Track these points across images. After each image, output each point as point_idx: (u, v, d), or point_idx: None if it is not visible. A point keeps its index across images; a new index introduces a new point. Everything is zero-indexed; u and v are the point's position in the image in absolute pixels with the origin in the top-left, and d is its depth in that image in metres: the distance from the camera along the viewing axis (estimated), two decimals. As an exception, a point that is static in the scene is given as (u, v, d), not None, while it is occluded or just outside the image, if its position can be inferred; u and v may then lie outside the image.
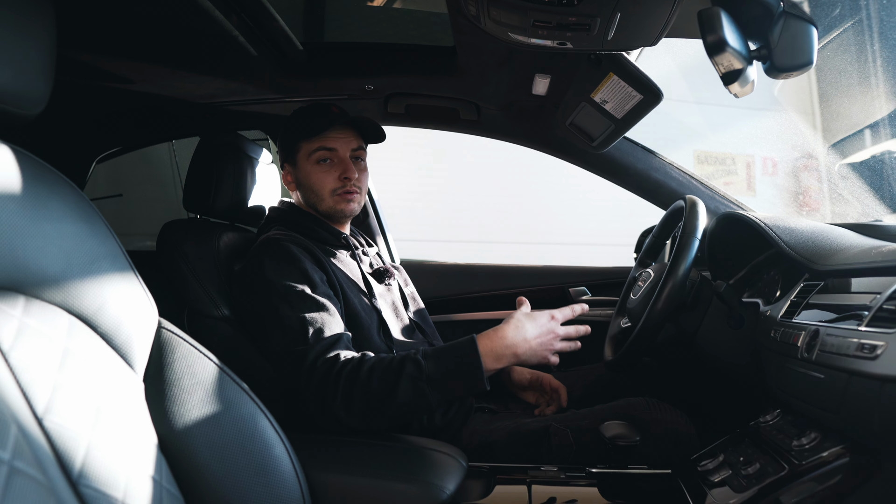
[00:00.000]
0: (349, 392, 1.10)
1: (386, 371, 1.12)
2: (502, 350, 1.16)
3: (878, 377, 0.78)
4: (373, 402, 1.10)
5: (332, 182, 1.44)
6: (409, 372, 1.11)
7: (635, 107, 1.37)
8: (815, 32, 1.02)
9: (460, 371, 1.14)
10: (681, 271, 1.23)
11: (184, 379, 0.83)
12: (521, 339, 1.17)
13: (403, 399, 1.10)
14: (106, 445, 0.67)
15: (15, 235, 0.67)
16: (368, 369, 1.12)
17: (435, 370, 1.12)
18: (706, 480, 1.04)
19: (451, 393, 1.14)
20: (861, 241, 1.24)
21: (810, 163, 5.15)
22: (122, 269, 0.81)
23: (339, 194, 1.45)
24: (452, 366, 1.14)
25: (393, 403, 1.10)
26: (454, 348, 1.17)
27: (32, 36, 0.73)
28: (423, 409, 1.13)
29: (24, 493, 0.54)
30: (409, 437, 1.17)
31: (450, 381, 1.13)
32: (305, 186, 1.47)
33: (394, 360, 1.14)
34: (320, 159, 1.44)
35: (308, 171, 1.46)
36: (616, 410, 1.29)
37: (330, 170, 1.45)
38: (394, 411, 1.11)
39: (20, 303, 0.67)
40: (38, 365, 0.64)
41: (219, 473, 0.81)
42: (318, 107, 1.47)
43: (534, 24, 1.06)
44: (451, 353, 1.16)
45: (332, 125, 1.42)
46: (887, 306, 0.85)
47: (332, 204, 1.46)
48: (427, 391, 1.11)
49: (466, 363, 1.14)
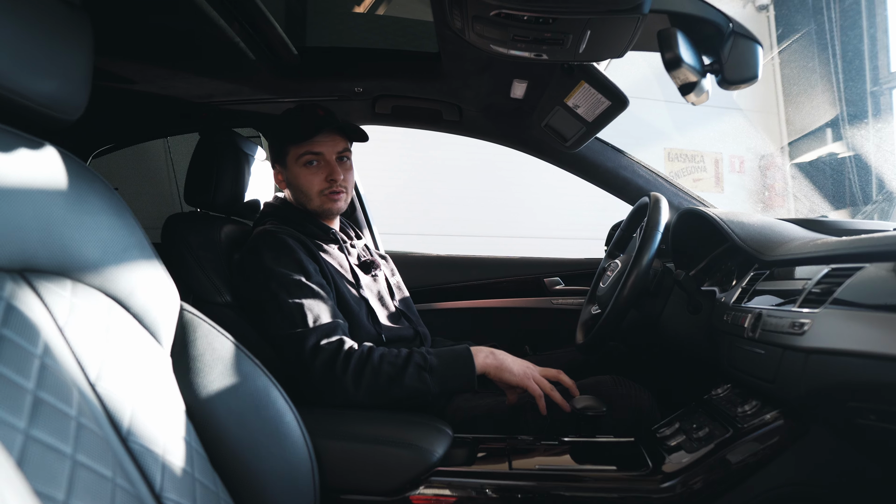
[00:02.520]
0: (360, 370, 1.24)
1: (396, 358, 1.27)
2: (487, 358, 1.33)
3: (804, 349, 0.92)
4: (381, 382, 1.24)
5: (319, 183, 1.53)
6: (416, 361, 1.27)
7: (604, 112, 1.49)
8: (760, 50, 1.16)
9: (457, 368, 1.30)
10: (644, 261, 1.35)
11: (205, 355, 0.94)
12: (503, 357, 1.34)
13: (409, 382, 1.25)
14: (146, 409, 0.78)
15: (63, 227, 0.77)
16: (379, 356, 1.27)
17: (437, 364, 1.28)
18: (663, 445, 1.17)
19: (448, 385, 1.29)
20: (804, 234, 1.37)
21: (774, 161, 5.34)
22: (149, 257, 0.91)
23: (325, 194, 1.54)
24: (451, 363, 1.30)
25: (399, 386, 1.25)
26: (454, 350, 1.33)
27: (75, 47, 0.82)
28: (423, 394, 1.27)
29: (89, 444, 0.65)
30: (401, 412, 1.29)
31: (448, 375, 1.29)
32: (295, 187, 1.56)
33: (402, 351, 1.30)
34: (307, 162, 1.52)
35: (296, 173, 1.54)
36: (585, 387, 1.41)
37: (317, 171, 1.53)
38: (398, 393, 1.25)
39: (68, 286, 0.77)
40: (87, 339, 0.74)
41: (238, 436, 0.92)
42: (305, 109, 1.53)
43: (513, 38, 1.17)
44: (451, 354, 1.32)
45: (318, 132, 1.50)
46: (814, 290, 0.99)
47: (320, 203, 1.55)
48: (428, 379, 1.26)
49: (462, 363, 1.30)
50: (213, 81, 1.72)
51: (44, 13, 0.76)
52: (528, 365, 1.34)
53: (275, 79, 1.73)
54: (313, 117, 1.51)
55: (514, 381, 1.31)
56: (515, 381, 1.31)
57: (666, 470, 1.07)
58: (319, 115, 1.52)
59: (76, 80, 0.83)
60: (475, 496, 1.08)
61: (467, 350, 1.32)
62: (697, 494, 1.02)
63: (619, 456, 1.17)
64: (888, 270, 0.87)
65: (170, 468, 0.77)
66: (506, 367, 1.32)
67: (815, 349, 0.90)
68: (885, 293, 0.85)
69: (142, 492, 0.71)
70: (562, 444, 1.22)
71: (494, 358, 1.33)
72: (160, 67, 1.62)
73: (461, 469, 1.12)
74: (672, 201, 1.95)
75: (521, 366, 1.33)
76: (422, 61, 1.71)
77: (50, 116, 0.79)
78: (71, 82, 0.81)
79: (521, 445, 1.23)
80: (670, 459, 1.11)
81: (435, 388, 1.27)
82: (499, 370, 1.32)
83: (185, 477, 0.79)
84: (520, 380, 1.31)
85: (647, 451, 1.17)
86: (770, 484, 1.00)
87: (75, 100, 0.83)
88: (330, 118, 1.52)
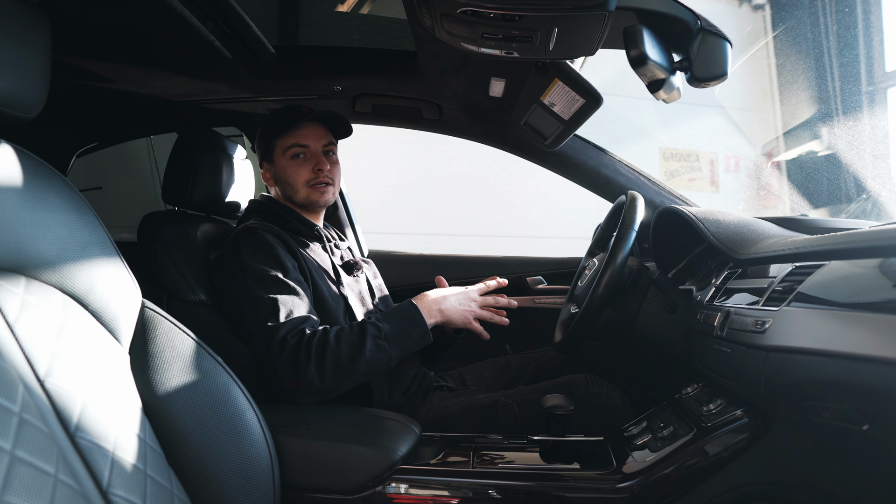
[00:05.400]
0: (321, 357, 1.23)
1: (350, 335, 1.28)
2: (430, 307, 1.38)
3: (764, 348, 0.92)
4: (343, 362, 1.24)
5: (306, 174, 1.55)
6: (371, 332, 1.29)
7: (579, 109, 1.48)
8: (730, 48, 1.15)
9: (409, 326, 1.34)
10: (618, 260, 1.34)
11: (165, 352, 0.94)
12: (441, 298, 1.41)
13: (369, 356, 1.26)
14: (98, 405, 0.78)
15: (17, 224, 0.77)
16: (335, 336, 1.27)
17: (390, 329, 1.31)
18: (630, 444, 1.17)
19: (406, 345, 1.33)
20: (778, 232, 1.37)
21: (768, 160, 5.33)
22: (110, 255, 0.91)
23: (312, 185, 1.55)
24: (402, 324, 1.34)
25: (361, 361, 1.25)
26: (399, 310, 1.38)
27: (31, 46, 0.82)
28: (385, 363, 1.29)
29: (30, 440, 0.65)
30: (368, 409, 1.29)
31: (403, 336, 1.32)
32: (282, 180, 1.57)
33: (354, 326, 1.31)
34: (294, 154, 1.54)
35: (284, 166, 1.56)
36: (558, 386, 1.41)
37: (304, 163, 1.55)
38: (362, 368, 1.26)
39: (22, 283, 0.77)
40: (38, 335, 0.75)
41: (196, 434, 0.92)
42: (290, 108, 1.57)
43: (482, 35, 1.16)
44: (398, 314, 1.37)
45: (301, 121, 1.53)
46: (777, 288, 0.98)
47: (307, 194, 1.56)
48: (387, 347, 1.29)
49: (412, 320, 1.35)
50: (191, 80, 1.72)
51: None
52: (465, 297, 1.43)
53: (253, 77, 1.73)
54: (298, 111, 1.55)
55: (461, 326, 1.41)
56: (462, 326, 1.41)
57: (626, 470, 1.07)
58: (304, 110, 1.55)
59: (32, 77, 0.83)
60: (437, 494, 1.08)
61: (413, 307, 1.37)
62: (655, 495, 1.02)
63: (585, 455, 1.17)
64: (846, 268, 0.87)
65: (120, 464, 0.77)
66: (449, 316, 1.40)
67: (774, 347, 0.90)
68: (842, 291, 0.85)
69: (87, 488, 0.71)
70: (529, 443, 1.22)
71: (439, 311, 1.39)
72: (138, 67, 1.62)
73: (424, 467, 1.12)
74: (654, 200, 1.94)
75: (460, 308, 1.41)
76: (400, 60, 1.72)
77: (5, 114, 0.79)
78: (26, 80, 0.82)
79: (489, 444, 1.23)
80: (633, 458, 1.11)
81: (395, 353, 1.30)
82: (445, 320, 1.40)
83: (136, 473, 0.79)
84: (464, 324, 1.41)
85: (614, 451, 1.17)
86: (731, 483, 1.00)
87: (32, 97, 0.83)
88: (311, 112, 1.55)
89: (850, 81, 3.68)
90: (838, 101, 3.78)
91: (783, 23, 4.95)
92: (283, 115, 1.56)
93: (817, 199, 2.73)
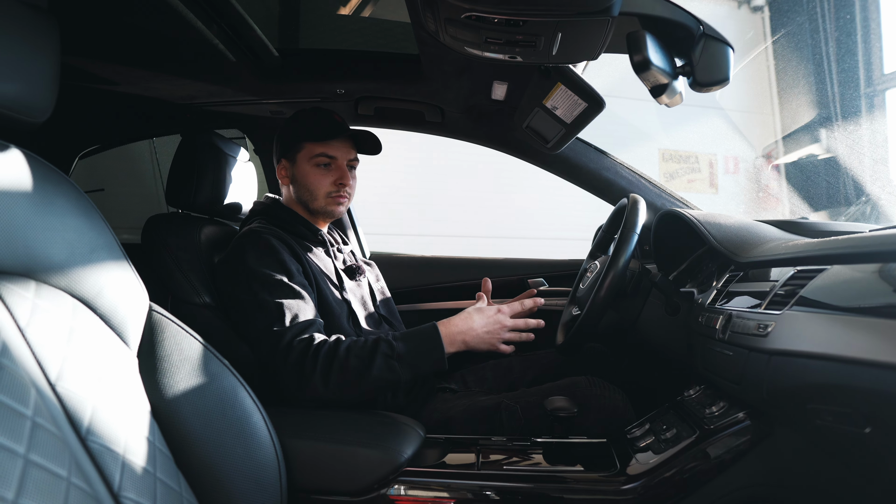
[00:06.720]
0: (327, 367, 1.23)
1: (362, 349, 1.27)
2: (454, 337, 1.33)
3: (766, 351, 0.93)
4: (349, 377, 1.24)
5: (327, 185, 1.56)
6: (383, 350, 1.26)
7: (581, 113, 1.49)
8: (731, 53, 1.16)
9: (425, 351, 1.29)
10: (621, 263, 1.35)
11: (172, 355, 0.95)
12: (469, 328, 1.34)
13: (377, 373, 1.24)
14: (108, 409, 0.78)
15: (27, 228, 0.78)
16: (346, 349, 1.26)
17: (404, 350, 1.28)
18: (633, 446, 1.18)
19: (418, 370, 1.29)
20: (779, 235, 1.37)
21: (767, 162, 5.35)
22: (118, 259, 0.92)
23: (331, 197, 1.57)
24: (419, 347, 1.30)
25: (368, 378, 1.24)
26: (420, 332, 1.33)
27: (41, 51, 0.83)
28: (393, 383, 1.27)
29: (44, 444, 0.65)
30: (373, 411, 1.29)
31: (417, 359, 1.28)
32: (301, 184, 1.58)
33: (368, 341, 1.29)
34: (320, 163, 1.55)
35: (306, 171, 1.56)
36: (560, 388, 1.42)
37: (328, 174, 1.56)
38: (368, 384, 1.25)
39: (32, 287, 0.78)
40: (49, 339, 0.75)
41: (203, 437, 0.92)
42: (323, 112, 1.57)
43: (486, 40, 1.18)
44: (417, 337, 1.32)
45: (337, 135, 1.55)
46: (780, 291, 0.99)
47: (324, 204, 1.58)
48: (398, 367, 1.26)
49: (430, 345, 1.30)
50: (195, 83, 1.73)
51: (6, 17, 0.77)
52: (495, 322, 1.37)
53: (257, 80, 1.74)
54: (333, 121, 1.55)
55: (486, 350, 1.36)
56: (487, 350, 1.36)
57: (630, 472, 1.07)
58: (338, 120, 1.56)
59: (41, 82, 0.83)
60: (442, 496, 1.08)
61: (434, 330, 1.33)
62: (658, 497, 1.03)
63: (589, 457, 1.18)
64: (848, 273, 0.88)
65: (130, 467, 0.77)
66: (472, 347, 1.34)
67: (777, 351, 0.90)
68: (844, 295, 0.85)
69: (99, 491, 0.72)
70: (533, 445, 1.23)
71: (463, 342, 1.34)
72: (142, 69, 1.63)
73: (429, 469, 1.12)
74: (654, 202, 1.95)
75: (486, 337, 1.35)
76: (403, 63, 1.73)
77: (14, 119, 0.79)
78: (36, 85, 0.82)
79: (493, 446, 1.24)
80: (637, 460, 1.11)
81: (405, 375, 1.27)
82: (468, 349, 1.35)
83: (146, 476, 0.80)
84: (490, 348, 1.36)
85: (618, 452, 1.17)
86: (733, 486, 1.01)
87: (41, 102, 0.84)
88: (346, 126, 1.57)
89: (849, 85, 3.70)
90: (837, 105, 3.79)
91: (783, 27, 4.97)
92: (317, 120, 1.56)
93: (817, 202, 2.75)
